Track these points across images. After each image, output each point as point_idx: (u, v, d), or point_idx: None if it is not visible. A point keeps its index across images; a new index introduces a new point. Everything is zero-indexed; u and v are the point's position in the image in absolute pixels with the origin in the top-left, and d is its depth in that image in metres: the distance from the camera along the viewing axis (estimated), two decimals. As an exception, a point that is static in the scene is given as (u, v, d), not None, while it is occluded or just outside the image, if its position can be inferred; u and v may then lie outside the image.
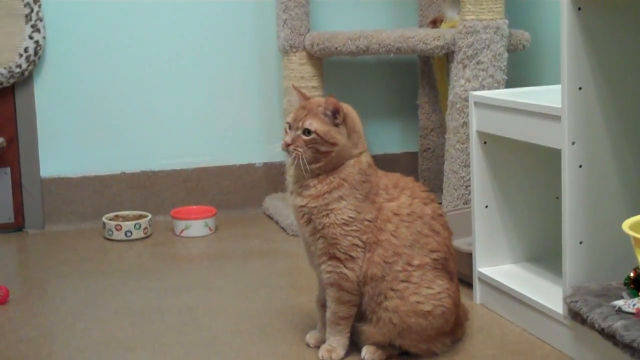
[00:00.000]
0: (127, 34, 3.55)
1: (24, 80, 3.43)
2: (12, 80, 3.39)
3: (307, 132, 2.07)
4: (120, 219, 3.41)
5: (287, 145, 2.08)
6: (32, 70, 3.44)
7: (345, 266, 2.10)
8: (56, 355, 2.27)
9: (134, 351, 2.26)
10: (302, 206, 2.11)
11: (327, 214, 2.08)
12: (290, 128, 2.10)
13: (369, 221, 2.10)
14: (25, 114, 3.47)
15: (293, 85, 2.21)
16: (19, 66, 3.38)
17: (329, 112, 2.08)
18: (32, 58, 3.40)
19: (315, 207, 2.09)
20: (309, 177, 2.09)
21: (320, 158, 2.08)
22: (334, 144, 2.07)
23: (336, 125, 2.08)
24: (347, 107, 2.13)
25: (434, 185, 3.55)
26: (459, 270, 2.27)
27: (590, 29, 2.06)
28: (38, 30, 3.39)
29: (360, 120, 2.16)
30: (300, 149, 2.07)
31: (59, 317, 2.53)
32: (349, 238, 2.09)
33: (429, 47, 3.17)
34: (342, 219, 2.08)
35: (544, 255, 2.56)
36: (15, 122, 3.47)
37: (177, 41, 3.60)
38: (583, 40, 2.06)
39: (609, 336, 1.94)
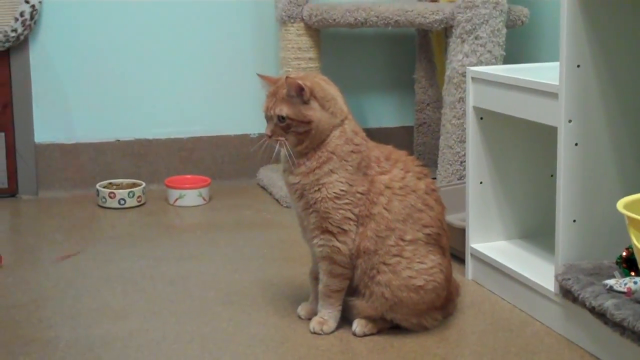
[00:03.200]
0: (123, 0, 3.52)
1: (19, 44, 3.41)
2: (7, 45, 3.37)
3: (281, 119, 2.06)
4: (114, 187, 3.41)
5: (269, 137, 2.09)
6: (28, 35, 3.42)
7: (337, 239, 2.10)
8: (47, 321, 2.27)
9: (126, 319, 2.26)
10: (294, 183, 2.11)
11: (319, 189, 2.08)
12: (266, 118, 2.10)
13: (361, 194, 2.10)
14: (20, 79, 3.45)
15: (258, 73, 2.19)
16: (15, 30, 3.35)
17: (292, 93, 2.06)
18: (27, 22, 3.37)
19: (307, 183, 2.09)
20: (298, 157, 2.08)
21: (302, 139, 2.07)
22: (309, 122, 2.06)
23: (305, 102, 2.07)
24: (312, 80, 2.10)
25: (429, 160, 3.55)
26: (451, 245, 2.28)
27: (590, 6, 2.05)
28: (34, -5, 3.37)
29: (334, 86, 2.14)
30: (282, 138, 2.06)
31: (50, 284, 2.53)
32: (341, 211, 2.09)
33: (427, 21, 3.15)
34: (334, 192, 2.08)
35: (537, 232, 2.57)
36: (10, 86, 3.45)
37: (174, 10, 3.57)
38: (582, 18, 2.05)
39: (600, 315, 1.95)
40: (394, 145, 2.22)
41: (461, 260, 2.59)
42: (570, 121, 2.09)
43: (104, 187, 3.38)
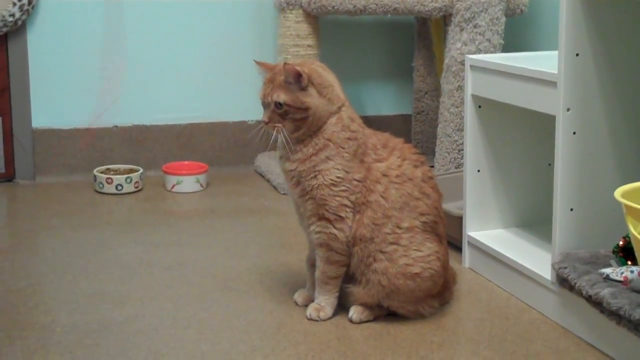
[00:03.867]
0: (122, -15, 3.52)
1: (17, 29, 3.40)
2: (5, 30, 3.36)
3: (278, 105, 2.06)
4: (112, 173, 3.40)
5: (266, 124, 2.08)
6: (26, 20, 3.40)
7: (334, 226, 2.10)
8: (44, 306, 2.27)
9: (122, 305, 2.26)
10: (291, 170, 2.11)
11: (315, 176, 2.08)
12: (263, 105, 2.10)
13: (358, 181, 2.10)
14: (18, 64, 3.44)
15: (255, 60, 2.19)
16: (12, 15, 3.34)
17: (290, 79, 2.06)
18: (25, 7, 3.36)
19: (303, 170, 2.09)
20: (295, 144, 2.08)
21: (300, 126, 2.07)
22: (307, 109, 2.06)
23: (303, 89, 2.07)
24: (309, 66, 2.10)
25: (427, 149, 3.55)
26: (448, 233, 2.28)
27: (590, -5, 2.05)
28: (32, -21, 3.36)
29: (331, 73, 2.14)
30: (279, 124, 2.06)
31: (47, 269, 2.53)
32: (338, 198, 2.08)
33: (426, 8, 3.15)
34: (331, 179, 2.08)
35: (534, 221, 2.57)
36: (8, 71, 3.44)
37: (172, -5, 3.57)
38: (581, 6, 2.04)
39: (596, 303, 1.95)
40: (391, 133, 2.22)
41: (458, 248, 2.59)
42: (568, 110, 2.08)
43: (102, 173, 3.38)
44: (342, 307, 2.18)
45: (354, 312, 2.15)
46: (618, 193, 1.83)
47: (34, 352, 1.99)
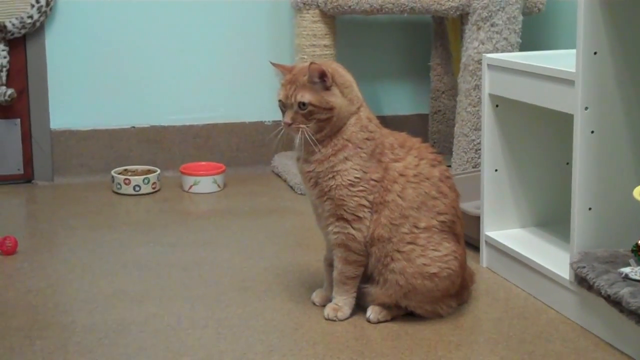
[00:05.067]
0: (139, -13, 3.53)
1: (35, 31, 3.42)
2: (23, 31, 3.38)
3: (302, 105, 2.05)
4: (129, 173, 3.42)
5: (289, 125, 2.07)
6: (44, 21, 3.42)
7: (352, 227, 2.10)
8: (63, 306, 2.28)
9: (141, 304, 2.27)
10: (309, 171, 2.11)
11: (333, 176, 2.08)
12: (284, 107, 2.09)
13: (376, 181, 2.09)
14: (36, 65, 3.46)
15: (271, 62, 2.18)
16: (31, 17, 3.36)
17: (316, 79, 2.05)
18: (43, 9, 3.38)
19: (321, 171, 2.09)
20: (316, 145, 2.07)
21: (323, 126, 2.06)
22: (331, 109, 2.06)
23: (327, 88, 2.06)
24: (330, 66, 2.10)
25: (444, 148, 3.54)
26: (466, 233, 2.27)
27: (608, -7, 2.04)
28: (50, -19, 3.37)
29: (349, 73, 2.14)
30: (303, 125, 2.05)
31: (66, 269, 2.54)
32: (356, 199, 2.08)
33: (443, 7, 3.14)
34: (349, 179, 2.07)
35: (552, 220, 2.56)
36: (26, 73, 3.46)
37: (189, -4, 3.58)
38: (599, 5, 2.03)
39: (615, 303, 1.94)
40: (408, 133, 2.22)
41: (476, 248, 2.58)
42: (586, 108, 2.08)
43: (119, 174, 3.39)
44: (359, 307, 2.18)
45: (372, 312, 2.15)
46: (637, 192, 1.83)
47: (53, 352, 2.00)
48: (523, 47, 3.12)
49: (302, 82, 2.06)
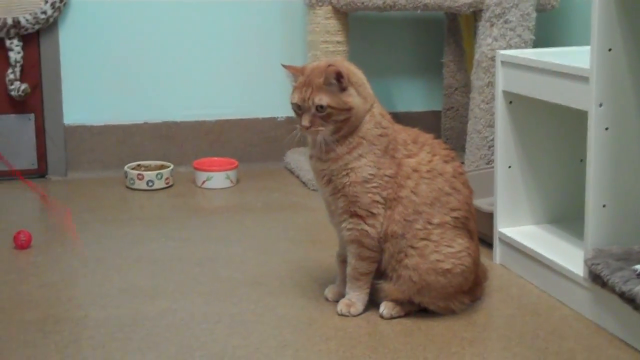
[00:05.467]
0: (153, -17, 3.54)
1: (48, 26, 3.43)
2: (37, 27, 3.39)
3: (320, 108, 2.04)
4: (143, 169, 3.43)
5: (307, 128, 2.05)
6: (57, 17, 3.43)
7: (366, 223, 2.10)
8: (77, 300, 2.29)
9: (154, 299, 2.28)
10: (322, 169, 2.11)
11: (347, 173, 2.08)
12: (300, 109, 2.08)
13: (389, 177, 2.09)
14: (50, 61, 3.48)
15: (282, 64, 2.14)
16: (44, 12, 3.37)
17: (332, 81, 2.04)
18: (57, 4, 3.39)
19: (335, 168, 2.09)
20: (333, 144, 2.07)
21: (341, 127, 2.06)
22: (349, 109, 2.05)
23: (344, 89, 2.06)
24: (344, 65, 2.09)
25: (457, 145, 3.54)
26: (479, 230, 2.27)
27: (623, -11, 2.03)
28: (64, -23, 3.38)
29: (360, 70, 2.13)
30: (321, 127, 2.05)
31: (80, 263, 2.55)
32: (370, 195, 2.08)
33: (456, 4, 3.13)
34: (363, 176, 2.07)
35: (566, 217, 2.55)
36: (40, 68, 3.47)
37: (202, -8, 3.58)
38: (614, 1, 2.03)
39: (629, 300, 1.94)
40: (421, 130, 2.22)
41: (489, 244, 2.58)
42: (600, 105, 2.07)
43: (132, 169, 3.40)
44: (372, 303, 2.19)
45: (385, 307, 2.15)
46: (652, 189, 1.82)
47: (67, 346, 2.01)
48: (537, 44, 3.11)
49: (317, 84, 2.05)
